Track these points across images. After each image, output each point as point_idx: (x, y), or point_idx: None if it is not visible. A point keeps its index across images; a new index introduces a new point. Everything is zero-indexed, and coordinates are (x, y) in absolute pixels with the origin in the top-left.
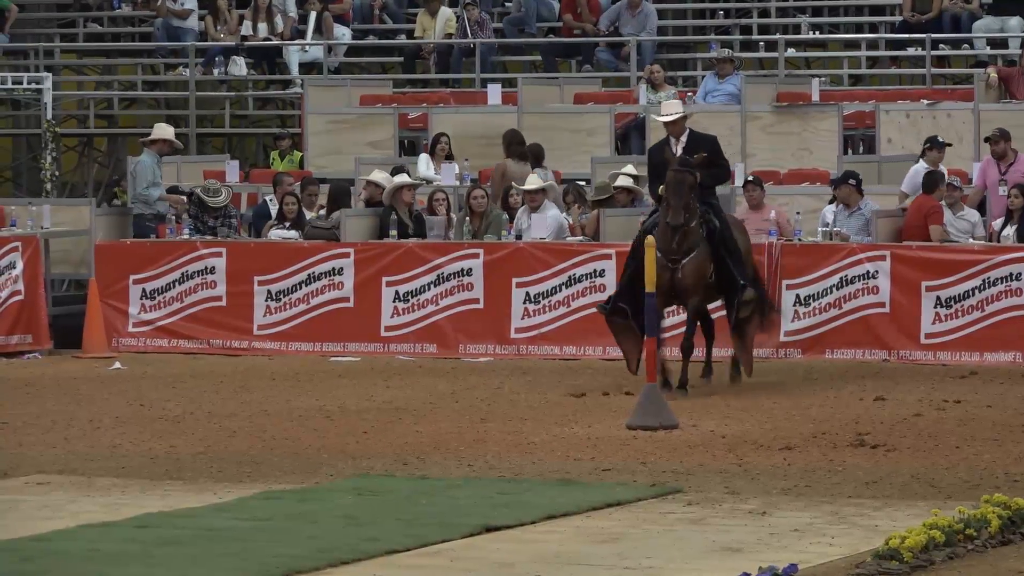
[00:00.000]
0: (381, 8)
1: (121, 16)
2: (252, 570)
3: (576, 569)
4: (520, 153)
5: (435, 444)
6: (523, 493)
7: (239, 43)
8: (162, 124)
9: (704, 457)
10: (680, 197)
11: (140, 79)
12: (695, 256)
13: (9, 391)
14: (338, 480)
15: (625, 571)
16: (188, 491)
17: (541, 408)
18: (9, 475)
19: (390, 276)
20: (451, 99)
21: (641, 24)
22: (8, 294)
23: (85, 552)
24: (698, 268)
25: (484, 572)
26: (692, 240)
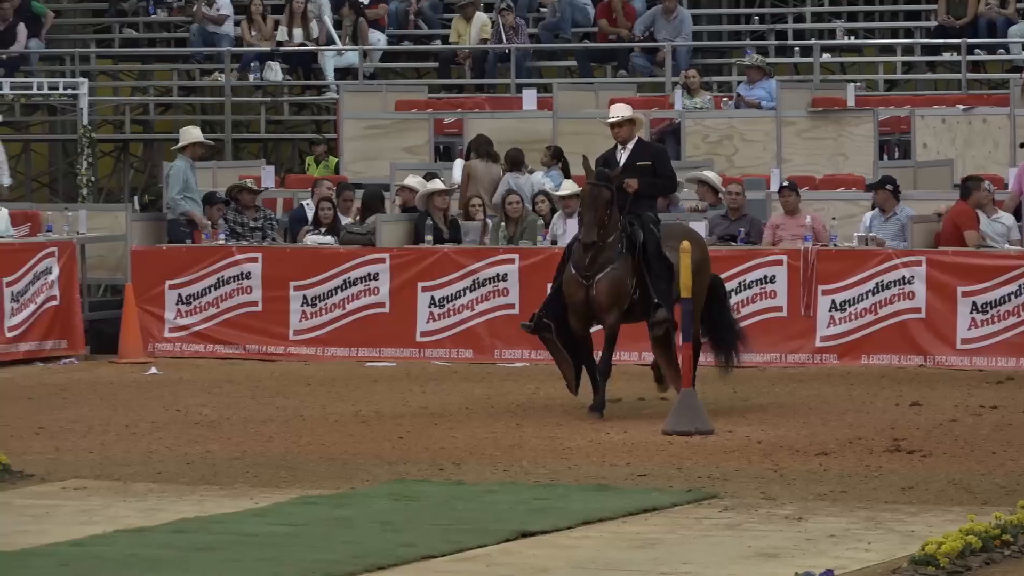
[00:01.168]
0: (416, 14)
1: (157, 21)
2: (288, 575)
3: (612, 574)
4: (488, 154)
5: (471, 449)
6: (559, 498)
7: (275, 48)
8: (187, 128)
9: (740, 462)
10: (594, 213)
11: (176, 84)
12: (610, 272)
13: (46, 396)
14: (374, 485)
15: None
16: (224, 496)
17: (577, 413)
18: (46, 480)
19: (425, 281)
20: (486, 104)
21: (676, 29)
22: (44, 299)
23: (122, 557)
24: (613, 284)
25: None
26: (608, 255)
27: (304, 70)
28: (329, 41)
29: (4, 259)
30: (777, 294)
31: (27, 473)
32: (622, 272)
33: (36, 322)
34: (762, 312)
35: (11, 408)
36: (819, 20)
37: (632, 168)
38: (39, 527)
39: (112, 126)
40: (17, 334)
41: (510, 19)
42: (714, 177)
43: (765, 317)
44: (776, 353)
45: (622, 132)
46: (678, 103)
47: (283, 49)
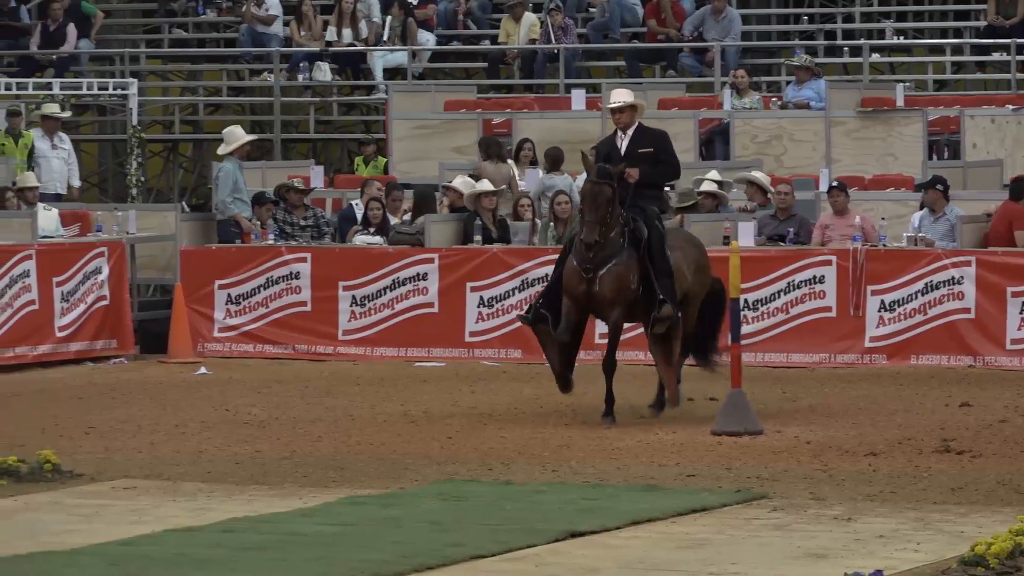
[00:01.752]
0: (465, 14)
1: (206, 22)
2: (337, 575)
3: (661, 575)
4: (498, 155)
5: (520, 449)
6: (608, 498)
7: (324, 48)
8: (231, 129)
9: (789, 463)
10: (596, 212)
11: (225, 84)
12: (614, 266)
13: (95, 396)
14: (423, 485)
15: None
16: (273, 496)
17: (626, 413)
18: (96, 480)
19: (475, 281)
20: (535, 104)
21: (725, 29)
22: (94, 299)
23: (171, 557)
24: (617, 279)
25: None
26: (611, 249)
27: (353, 70)
28: (378, 41)
29: (54, 259)
30: (826, 294)
31: (77, 472)
32: (625, 267)
33: (86, 322)
34: (811, 312)
35: (61, 408)
36: (868, 20)
37: (633, 156)
38: (89, 526)
39: (161, 126)
40: (67, 334)
41: (559, 19)
42: (762, 177)
43: (814, 317)
44: (825, 353)
45: (623, 118)
46: (727, 103)
47: (332, 49)
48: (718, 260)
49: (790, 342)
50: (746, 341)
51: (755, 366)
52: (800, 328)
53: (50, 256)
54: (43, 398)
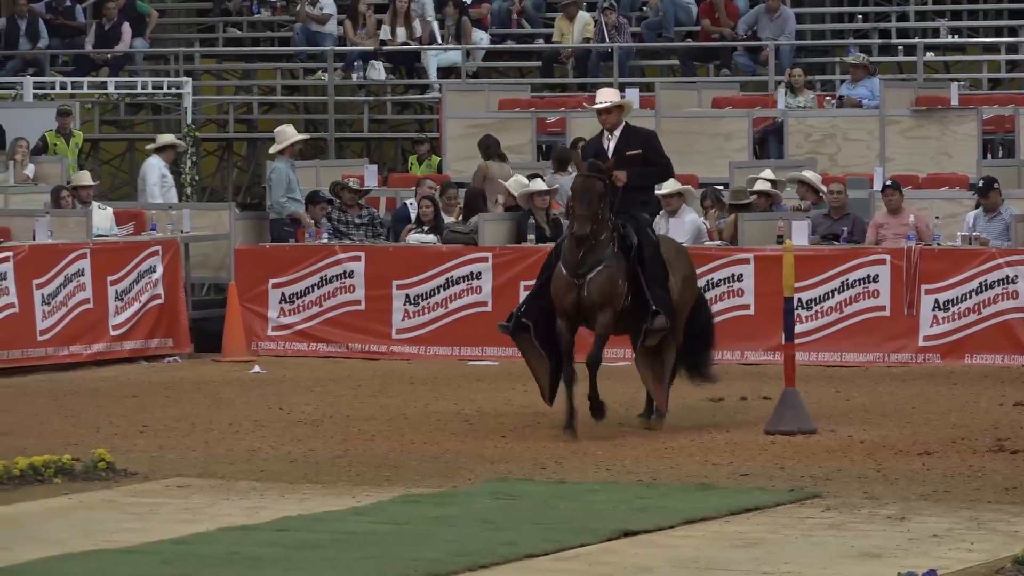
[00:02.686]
0: (519, 13)
1: (260, 21)
2: (390, 574)
3: (714, 574)
4: (499, 155)
5: (573, 448)
6: (661, 498)
7: (378, 48)
8: (282, 128)
9: (843, 462)
10: (587, 206)
11: (279, 83)
12: (603, 270)
13: (149, 395)
14: (476, 484)
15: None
16: (327, 494)
17: (679, 412)
18: (150, 478)
19: (528, 280)
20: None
21: (780, 28)
22: (148, 298)
23: (225, 555)
24: (606, 283)
25: None
26: (600, 253)
27: (407, 69)
28: (432, 40)
29: (109, 258)
30: (880, 293)
31: (131, 471)
32: (615, 271)
33: (140, 321)
34: (865, 311)
35: (115, 406)
36: (923, 19)
37: (621, 157)
38: (142, 525)
39: (216, 125)
40: (122, 333)
41: (613, 18)
42: (813, 177)
43: (868, 316)
44: (879, 352)
45: (610, 118)
46: (781, 102)
47: (386, 48)
48: (772, 259)
49: (844, 341)
50: (800, 340)
51: (809, 365)
52: (854, 327)
53: (105, 255)
54: (97, 397)
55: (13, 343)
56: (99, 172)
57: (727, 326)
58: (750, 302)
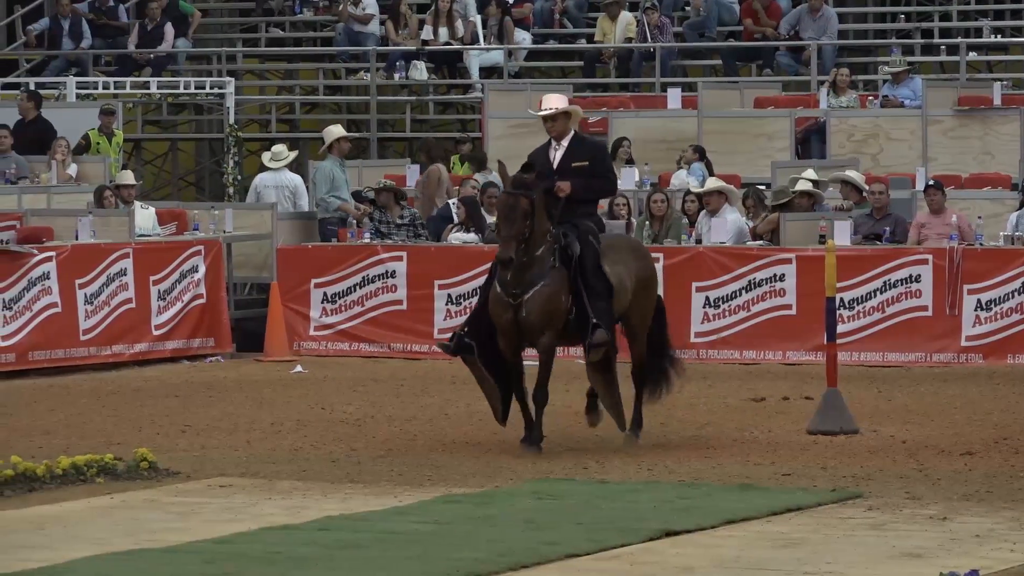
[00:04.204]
0: (561, 12)
1: (303, 21)
2: (432, 573)
3: (756, 574)
4: (442, 157)
5: (615, 448)
6: (703, 497)
7: (420, 47)
8: (329, 128)
9: (884, 462)
10: (511, 226)
11: (321, 83)
12: (541, 288)
13: (192, 394)
14: (518, 484)
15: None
16: (369, 494)
17: (721, 413)
18: (192, 478)
19: None
20: (631, 103)
21: (822, 28)
22: (191, 298)
23: (267, 555)
24: (545, 303)
25: None
26: (537, 271)
27: (449, 69)
28: (474, 40)
29: (151, 258)
30: (922, 293)
31: (173, 470)
32: (554, 288)
33: (183, 320)
34: (907, 311)
35: (158, 406)
36: (965, 19)
37: (566, 169)
38: (185, 524)
39: (258, 125)
40: (164, 332)
41: (655, 18)
42: (857, 176)
43: (910, 316)
44: (921, 352)
45: (556, 126)
46: (823, 102)
47: (428, 48)
48: (814, 259)
49: (886, 341)
50: (842, 340)
51: (851, 365)
52: (896, 327)
53: (147, 255)
54: (140, 396)
55: (56, 343)
56: (141, 172)
57: (769, 326)
58: (792, 302)
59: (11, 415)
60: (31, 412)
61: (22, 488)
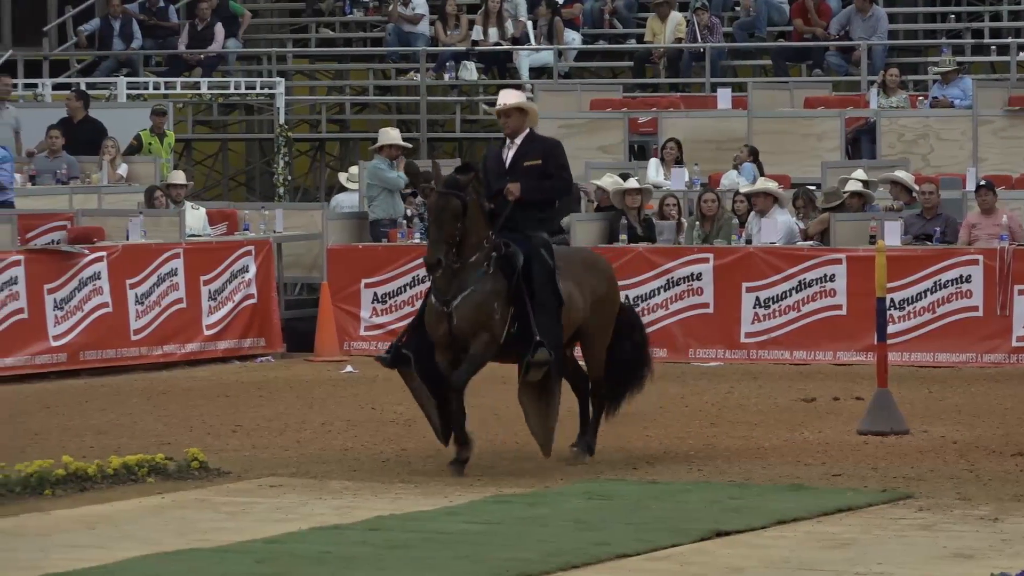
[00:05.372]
0: (611, 13)
1: (353, 21)
2: (482, 573)
3: (807, 574)
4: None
5: (665, 448)
6: (753, 498)
7: (470, 48)
8: (387, 129)
9: (935, 462)
10: (441, 228)
11: (372, 84)
12: (470, 295)
13: (242, 394)
14: (568, 484)
15: None
16: (419, 495)
17: (771, 413)
18: (243, 477)
19: (620, 280)
20: (681, 103)
21: (872, 28)
22: (241, 298)
23: (317, 555)
24: (474, 310)
25: None
26: (468, 277)
27: (499, 69)
28: (524, 40)
29: (202, 258)
30: (973, 294)
31: (224, 470)
32: (485, 295)
33: (233, 320)
34: (958, 312)
35: (208, 406)
36: (1016, 18)
37: (518, 167)
38: (235, 524)
39: (308, 125)
40: (215, 332)
41: (705, 18)
42: (906, 177)
43: (961, 317)
44: (972, 353)
45: (509, 123)
46: (873, 102)
47: (478, 48)
48: (864, 260)
49: (936, 341)
50: (892, 341)
51: (901, 366)
52: (947, 328)
53: (198, 255)
54: (190, 396)
55: (107, 343)
56: (192, 172)
57: (819, 326)
58: (842, 302)
59: (63, 415)
60: (82, 412)
61: (74, 488)
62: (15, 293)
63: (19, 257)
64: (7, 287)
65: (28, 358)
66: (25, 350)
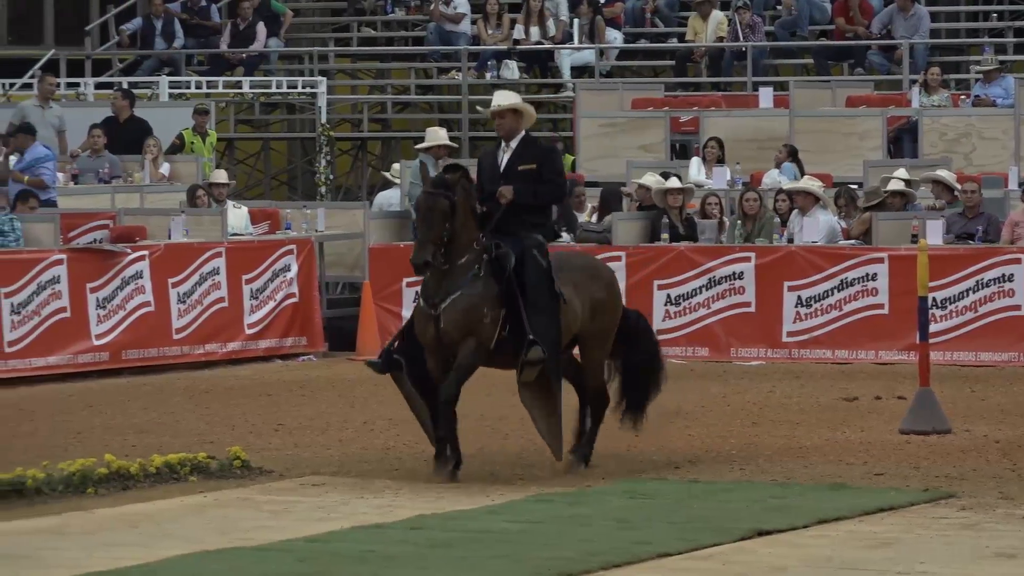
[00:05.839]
0: (653, 12)
1: (394, 20)
2: (523, 572)
3: (848, 574)
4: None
5: (706, 447)
6: (795, 497)
7: (511, 47)
8: (435, 128)
9: (978, 462)
10: (429, 228)
11: (413, 83)
12: (458, 298)
13: (284, 393)
14: (609, 483)
15: None
16: (461, 493)
17: (813, 412)
18: (285, 476)
19: (661, 279)
20: (722, 103)
21: (914, 27)
22: (283, 297)
23: (359, 553)
24: (462, 313)
25: None
26: (458, 279)
27: (541, 68)
28: (566, 39)
29: (244, 256)
30: (1015, 293)
31: (266, 469)
32: (475, 298)
33: (275, 319)
34: (1000, 311)
35: (250, 405)
36: None
37: (512, 171)
38: (277, 523)
39: (350, 124)
40: (257, 331)
41: (747, 17)
42: (948, 176)
43: (1003, 316)
44: (1014, 352)
45: (504, 124)
46: (915, 101)
47: (520, 48)
48: (906, 259)
49: (979, 340)
50: (934, 340)
51: (943, 365)
52: (989, 327)
53: (240, 254)
54: (232, 395)
55: (149, 342)
56: (234, 171)
57: (861, 325)
58: (884, 301)
59: (105, 414)
60: (125, 411)
61: (116, 486)
62: (58, 292)
63: (62, 256)
64: (50, 286)
65: (71, 357)
66: (68, 349)
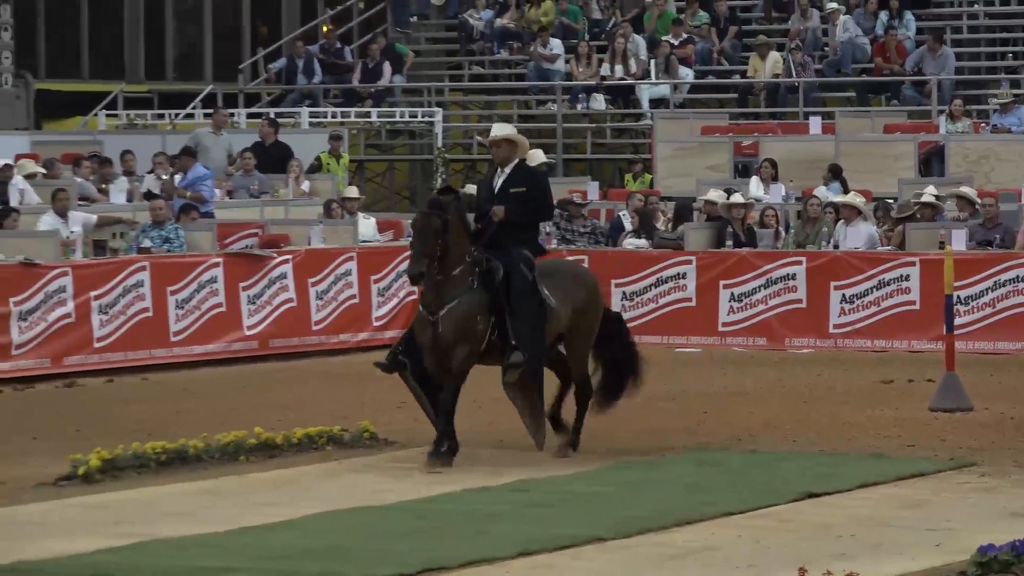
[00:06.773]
0: (719, 52)
1: (500, 59)
2: (606, 526)
3: (886, 530)
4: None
5: (764, 424)
6: (840, 465)
7: (599, 82)
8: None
9: (996, 436)
10: (424, 243)
11: (516, 113)
12: (456, 306)
13: None
14: (681, 454)
15: (927, 532)
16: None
17: (855, 393)
18: (406, 446)
19: (726, 280)
20: (778, 130)
21: (941, 65)
22: (405, 294)
23: (467, 511)
24: (459, 320)
25: (806, 531)
26: (454, 289)
27: (624, 100)
28: (645, 76)
29: (372, 260)
30: None
31: (391, 440)
32: (469, 307)
33: (399, 313)
34: (1015, 307)
35: (377, 386)
36: None
37: (504, 193)
38: (399, 485)
39: (462, 148)
40: (382, 323)
41: (799, 56)
42: (970, 191)
43: (1018, 311)
44: None
45: (499, 152)
46: (942, 128)
47: (606, 83)
48: (935, 262)
49: (997, 332)
50: (959, 332)
51: (966, 353)
52: (1005, 320)
53: (368, 257)
54: (362, 378)
55: (292, 332)
56: (364, 188)
57: (896, 319)
58: (916, 299)
59: (254, 394)
60: (271, 391)
61: (263, 455)
62: (215, 290)
63: (219, 259)
64: (209, 285)
65: (226, 345)
66: (223, 338)
